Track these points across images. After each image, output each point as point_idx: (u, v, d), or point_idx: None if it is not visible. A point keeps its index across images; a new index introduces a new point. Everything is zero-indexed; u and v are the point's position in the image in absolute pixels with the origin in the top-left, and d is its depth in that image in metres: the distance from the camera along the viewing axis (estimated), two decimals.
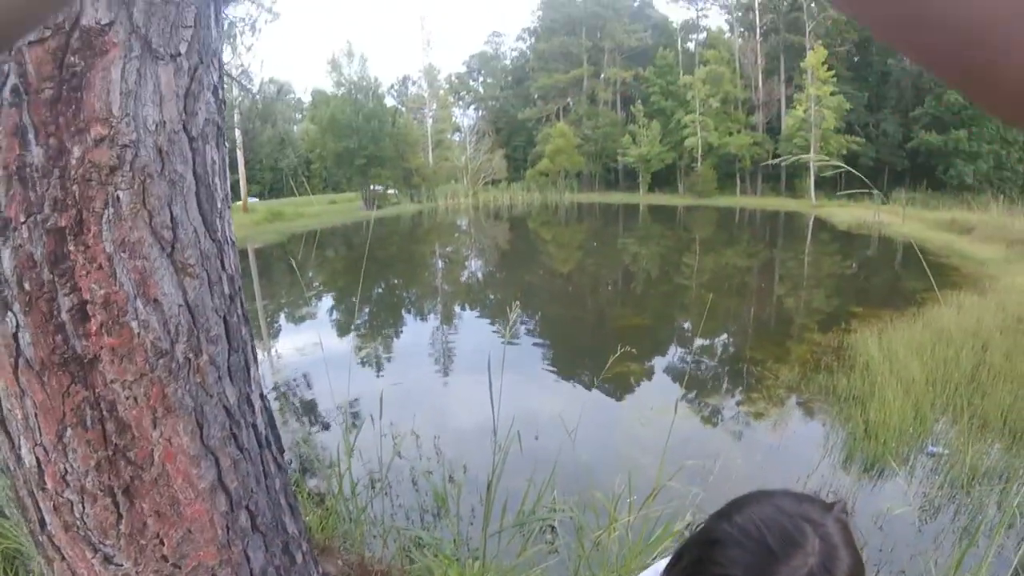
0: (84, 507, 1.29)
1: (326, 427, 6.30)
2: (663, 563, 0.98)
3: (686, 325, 11.23)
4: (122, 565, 1.32)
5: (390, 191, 47.01)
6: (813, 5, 45.37)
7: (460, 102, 66.69)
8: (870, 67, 45.56)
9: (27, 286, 1.16)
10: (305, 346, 9.12)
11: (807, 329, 10.04)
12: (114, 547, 1.31)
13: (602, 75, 57.54)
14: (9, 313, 1.18)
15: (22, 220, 1.14)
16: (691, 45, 55.30)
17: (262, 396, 1.55)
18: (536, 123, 59.03)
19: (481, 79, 68.88)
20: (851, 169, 3.42)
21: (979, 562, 2.96)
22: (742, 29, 50.72)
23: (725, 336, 10.24)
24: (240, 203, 34.08)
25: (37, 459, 1.28)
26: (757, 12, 48.16)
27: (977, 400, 5.89)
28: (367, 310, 12.82)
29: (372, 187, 44.59)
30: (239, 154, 35.63)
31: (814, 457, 5.27)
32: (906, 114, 42.14)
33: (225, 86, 1.47)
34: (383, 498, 3.94)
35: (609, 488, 3.33)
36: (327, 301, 14.37)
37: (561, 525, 3.52)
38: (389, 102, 53.86)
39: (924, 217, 26.18)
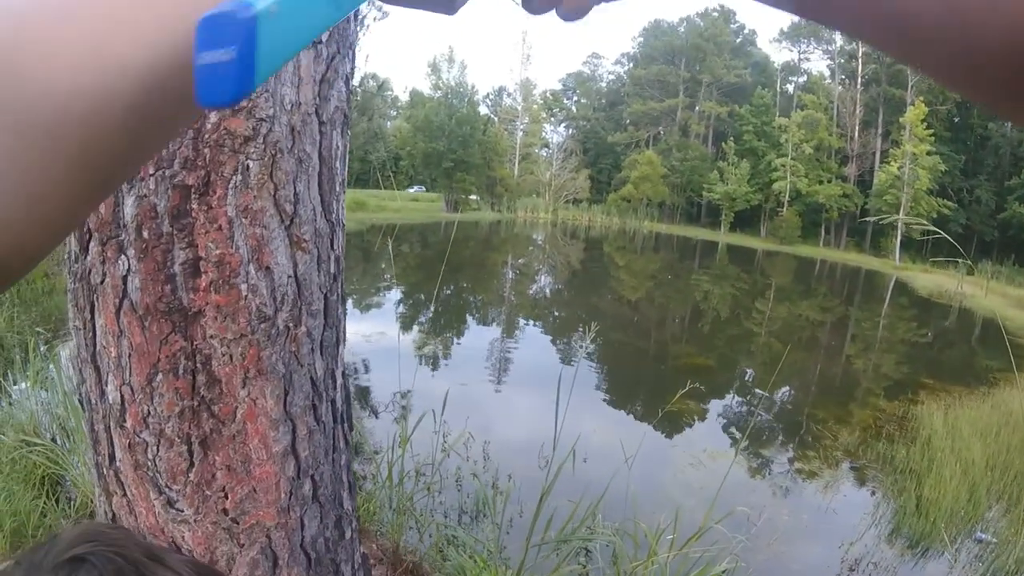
0: (159, 450, 1.34)
1: (376, 414, 6.41)
2: None
3: (749, 372, 10.99)
4: (182, 511, 1.38)
5: (472, 197, 47.67)
6: None
7: (552, 118, 67.07)
8: (969, 130, 43.81)
9: (145, 234, 1.24)
10: (371, 334, 9.33)
11: (872, 394, 9.69)
12: (179, 493, 1.37)
13: (696, 108, 57.03)
14: (123, 256, 1.26)
15: (150, 172, 1.22)
16: (790, 87, 54.33)
17: (344, 374, 1.62)
18: (624, 148, 58.84)
19: (575, 98, 69.12)
20: (943, 234, 3.31)
21: None
22: (843, 76, 49.54)
23: (788, 389, 9.97)
24: None
25: (122, 397, 1.34)
26: (860, 61, 46.95)
27: None
28: (432, 308, 13.00)
29: (451, 190, 45.15)
30: None
31: (861, 525, 5.12)
32: (1002, 183, 40.47)
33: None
34: (424, 493, 4.00)
35: (650, 523, 3.30)
36: (395, 294, 14.63)
37: (597, 551, 3.49)
38: (483, 110, 54.84)
39: (1008, 293, 24.93)
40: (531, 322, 13.27)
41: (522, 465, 4.87)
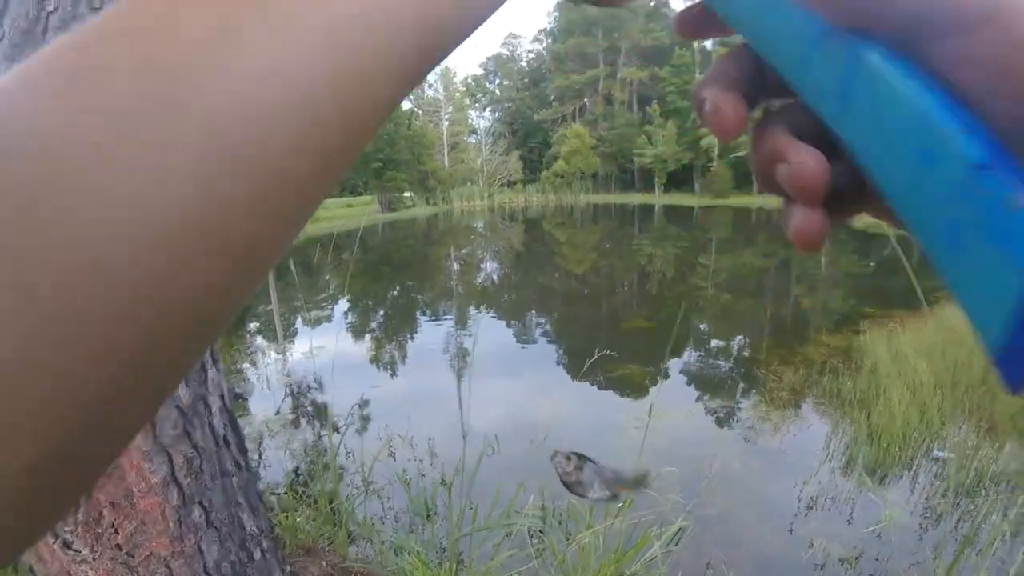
0: None
1: (336, 429, 6.33)
2: None
3: (699, 327, 11.15)
4: (80, 551, 1.39)
5: (406, 194, 47.34)
6: None
7: (476, 104, 66.95)
8: None
9: None
10: (320, 350, 9.20)
11: (818, 331, 9.89)
12: (72, 534, 1.38)
13: (618, 75, 57.58)
14: None
15: None
16: (708, 44, 55.14)
17: (222, 398, 1.60)
18: (552, 124, 59.14)
19: (497, 81, 69.11)
20: None
21: (975, 570, 2.89)
22: None
23: (738, 338, 10.16)
24: None
25: None
26: None
27: (987, 403, 5.67)
28: (382, 312, 12.90)
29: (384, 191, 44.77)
30: None
31: (814, 461, 5.18)
32: None
33: None
34: (376, 500, 3.99)
35: None
36: (343, 304, 14.46)
37: (548, 530, 3.51)
38: (405, 105, 54.21)
39: None
40: (481, 310, 13.26)
41: (476, 456, 4.87)
